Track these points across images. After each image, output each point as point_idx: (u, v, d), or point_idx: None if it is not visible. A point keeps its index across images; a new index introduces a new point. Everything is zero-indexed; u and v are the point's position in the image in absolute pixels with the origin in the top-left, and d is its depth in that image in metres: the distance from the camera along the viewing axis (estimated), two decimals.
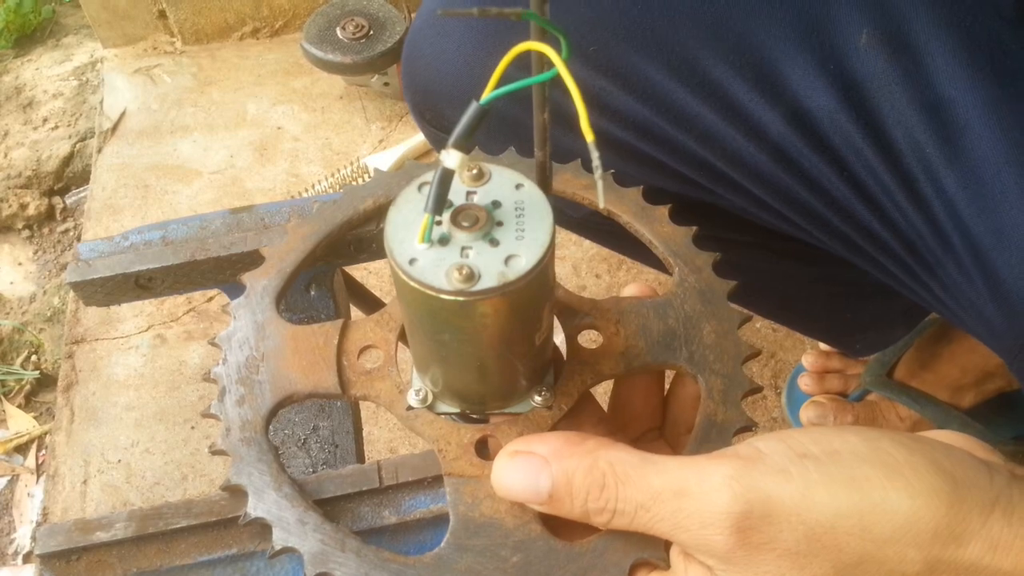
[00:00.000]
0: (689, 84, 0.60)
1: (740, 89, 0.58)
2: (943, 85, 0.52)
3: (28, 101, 1.71)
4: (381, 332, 0.49)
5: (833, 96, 0.56)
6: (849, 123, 0.56)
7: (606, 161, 0.69)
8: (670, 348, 0.48)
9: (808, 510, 0.36)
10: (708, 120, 0.60)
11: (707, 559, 0.38)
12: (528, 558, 0.42)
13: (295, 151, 1.55)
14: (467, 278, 0.36)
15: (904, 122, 0.54)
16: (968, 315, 0.57)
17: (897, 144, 0.55)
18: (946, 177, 0.53)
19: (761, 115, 0.58)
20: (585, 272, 1.34)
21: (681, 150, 0.63)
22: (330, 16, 1.49)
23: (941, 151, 0.53)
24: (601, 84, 0.62)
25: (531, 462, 0.40)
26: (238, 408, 0.47)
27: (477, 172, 0.39)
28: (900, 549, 0.36)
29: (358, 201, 0.57)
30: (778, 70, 0.57)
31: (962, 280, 0.55)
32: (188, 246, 0.67)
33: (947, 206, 0.53)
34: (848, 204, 0.59)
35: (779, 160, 0.59)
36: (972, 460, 0.38)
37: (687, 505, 0.37)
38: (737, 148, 0.60)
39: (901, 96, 0.54)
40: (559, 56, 0.33)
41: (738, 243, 0.78)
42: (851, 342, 1.01)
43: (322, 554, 0.42)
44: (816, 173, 0.59)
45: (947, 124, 0.52)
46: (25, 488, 1.25)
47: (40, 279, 1.50)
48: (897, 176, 0.55)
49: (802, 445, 0.38)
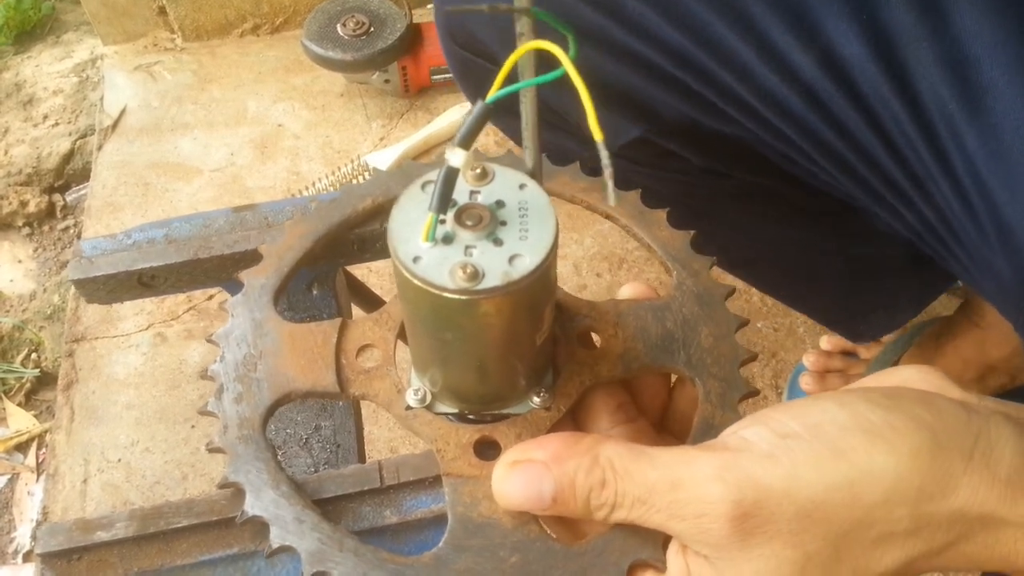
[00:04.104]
0: (728, 19, 0.61)
1: (777, 30, 0.59)
2: (969, 44, 0.53)
3: (28, 98, 1.71)
4: (380, 331, 0.49)
5: (864, 45, 0.56)
6: (878, 73, 0.56)
7: (641, 83, 0.68)
8: (668, 351, 0.48)
9: (798, 490, 0.37)
10: (745, 56, 0.61)
11: (703, 548, 0.39)
12: (526, 558, 0.42)
13: (296, 149, 1.54)
14: (471, 277, 0.36)
15: (929, 77, 0.55)
16: (980, 271, 0.58)
17: (922, 97, 0.55)
18: (967, 133, 0.53)
19: (795, 57, 0.59)
20: (586, 271, 1.34)
21: (717, 82, 0.64)
22: (331, 13, 1.49)
23: (963, 108, 0.53)
24: (641, 10, 0.63)
25: (531, 470, 0.40)
26: (236, 406, 0.47)
27: (481, 171, 0.39)
28: (888, 510, 0.36)
29: (356, 200, 0.57)
30: (814, 15, 0.58)
31: (977, 236, 0.56)
32: (191, 244, 0.67)
33: (966, 161, 0.54)
34: (872, 150, 0.60)
35: (810, 102, 0.60)
36: (948, 404, 0.39)
37: (682, 496, 0.38)
38: (770, 87, 0.61)
39: (928, 52, 0.54)
40: (567, 55, 0.32)
41: (759, 190, 0.79)
42: (856, 324, 1.01)
43: (320, 553, 0.42)
44: (844, 117, 0.59)
45: (971, 82, 0.53)
46: (25, 487, 1.25)
47: (40, 277, 1.49)
48: (920, 128, 0.56)
49: (784, 425, 0.39)
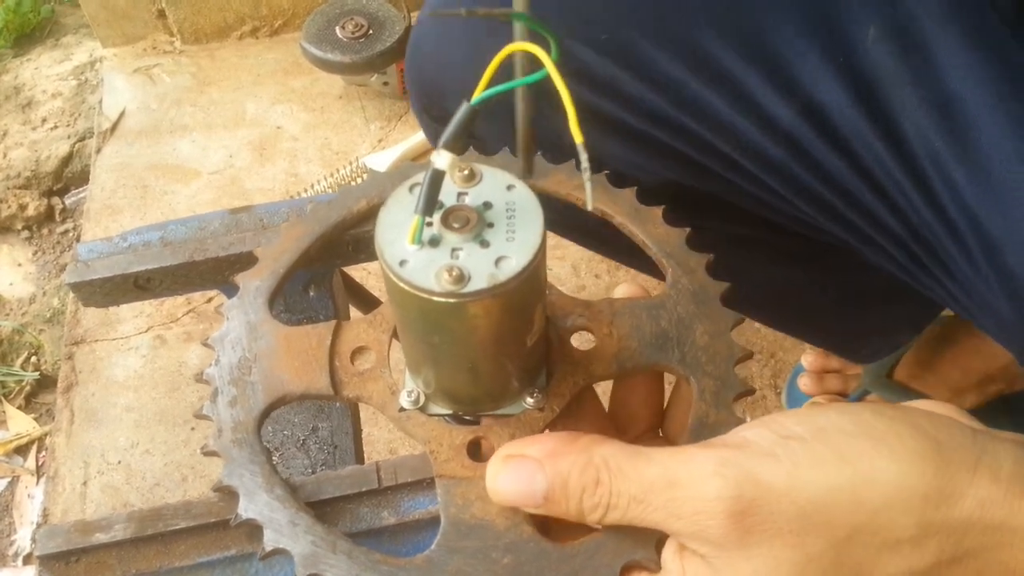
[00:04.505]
0: (702, 74, 0.60)
1: (752, 81, 0.58)
2: (952, 81, 0.53)
3: (27, 101, 1.71)
4: (374, 333, 0.49)
5: (844, 90, 0.56)
6: (860, 117, 0.56)
7: (619, 150, 0.68)
8: (663, 349, 0.48)
9: (798, 489, 0.36)
10: (721, 110, 0.60)
11: (701, 547, 0.38)
12: (519, 560, 0.42)
13: (294, 151, 1.55)
14: (457, 279, 0.36)
15: (913, 117, 0.54)
16: (979, 309, 0.57)
17: (907, 139, 0.55)
18: (956, 172, 0.53)
19: (773, 107, 0.58)
20: (584, 272, 1.34)
21: (695, 139, 0.64)
22: (329, 15, 1.49)
23: (951, 147, 0.53)
24: (613, 72, 0.62)
25: (525, 465, 0.40)
26: (230, 409, 0.47)
27: (468, 173, 0.39)
28: (892, 516, 0.36)
29: (352, 202, 0.57)
30: (790, 63, 0.57)
31: (973, 274, 0.55)
32: (187, 247, 0.67)
33: (957, 201, 0.53)
34: (860, 196, 0.59)
35: (791, 151, 0.60)
36: (954, 423, 0.39)
37: (680, 494, 0.37)
38: (750, 138, 0.61)
39: (910, 92, 0.54)
40: (549, 57, 0.33)
41: (745, 240, 0.78)
42: (855, 348, 1.00)
43: (313, 556, 0.42)
44: (828, 165, 0.59)
45: (956, 120, 0.52)
46: (25, 489, 1.25)
47: (40, 280, 1.50)
48: (907, 170, 0.55)
49: (786, 428, 0.38)
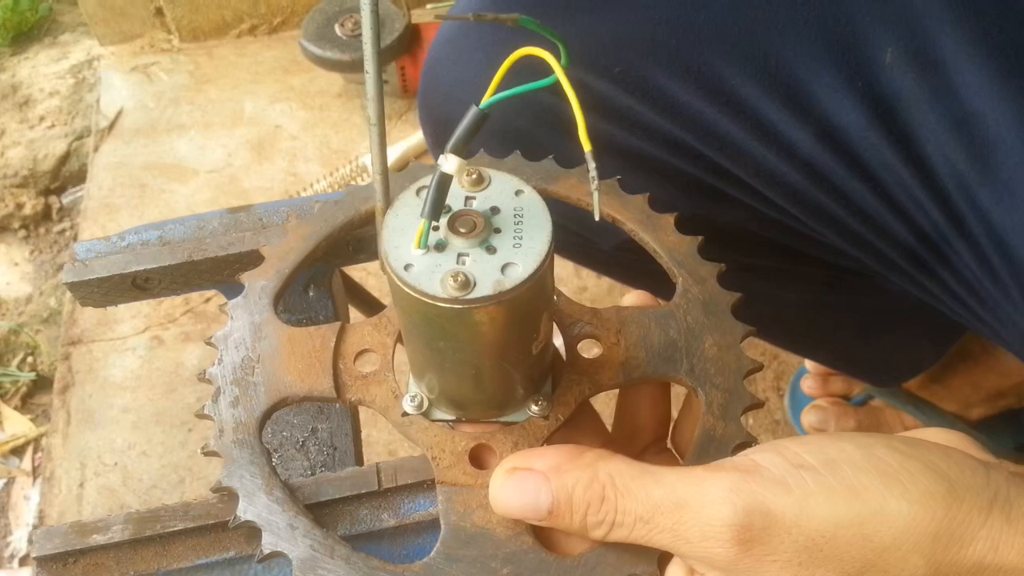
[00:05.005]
0: (717, 103, 0.59)
1: (769, 108, 0.58)
2: (972, 100, 0.52)
3: (24, 99, 1.70)
4: (379, 336, 0.49)
5: (863, 113, 0.55)
6: (879, 139, 0.55)
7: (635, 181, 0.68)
8: (671, 360, 0.47)
9: (808, 520, 0.36)
10: (739, 138, 0.60)
11: (709, 571, 0.38)
12: (519, 571, 0.42)
13: (293, 150, 1.54)
14: (462, 286, 0.35)
15: (935, 138, 0.53)
16: (1005, 329, 0.57)
17: (929, 160, 0.54)
18: (979, 191, 0.52)
19: (791, 133, 0.58)
20: (586, 272, 1.33)
21: (713, 167, 0.63)
22: (328, 13, 1.48)
23: (973, 166, 0.52)
24: (629, 103, 0.62)
25: (530, 479, 0.40)
26: (232, 409, 0.47)
27: (477, 177, 0.38)
28: (902, 555, 0.36)
29: (359, 201, 0.56)
30: (806, 88, 0.56)
31: (999, 294, 0.54)
32: (185, 246, 0.67)
33: (982, 220, 0.53)
34: (882, 220, 0.59)
35: (811, 177, 0.59)
36: (968, 460, 0.38)
37: (688, 517, 0.37)
38: (769, 166, 0.60)
39: (930, 112, 0.53)
40: (558, 62, 0.32)
41: (765, 271, 0.77)
42: (878, 373, 0.99)
43: (311, 560, 0.42)
44: (848, 189, 0.58)
45: (978, 139, 0.52)
46: (21, 491, 1.25)
47: (36, 280, 1.49)
48: (930, 191, 0.55)
49: (798, 456, 0.38)
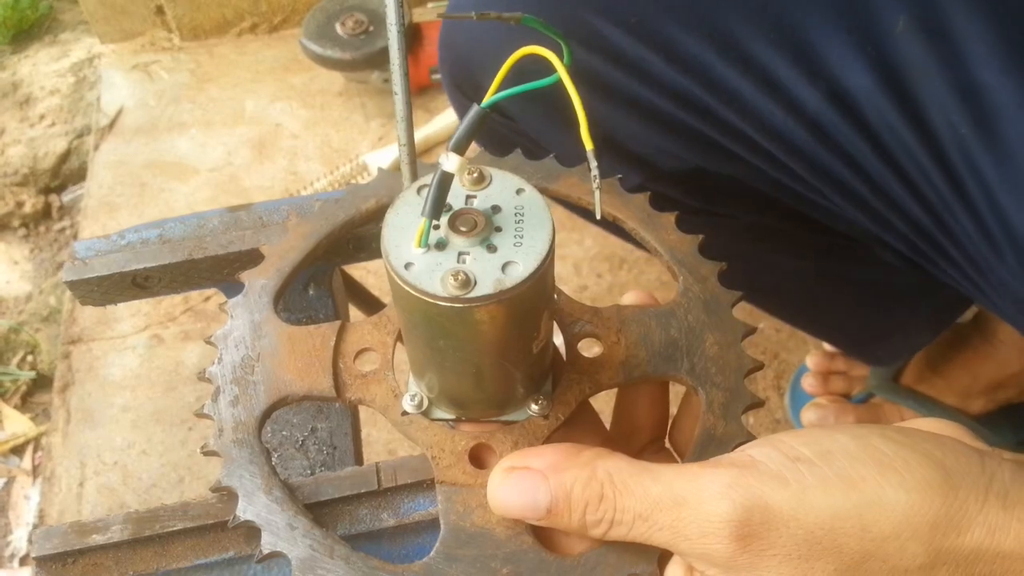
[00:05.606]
0: (729, 58, 0.60)
1: (779, 65, 0.59)
2: (979, 71, 0.53)
3: (25, 98, 1.70)
4: (379, 335, 0.49)
5: (871, 77, 0.56)
6: (886, 104, 0.56)
7: (644, 131, 0.69)
8: (671, 359, 0.47)
9: (806, 513, 0.36)
10: (747, 93, 0.61)
11: (708, 568, 0.38)
12: (518, 570, 0.42)
13: (294, 148, 1.54)
14: (463, 284, 0.35)
15: (940, 105, 0.55)
16: (997, 294, 0.58)
17: (934, 126, 0.55)
18: (982, 159, 0.53)
19: (800, 91, 0.59)
20: (586, 271, 1.33)
21: (720, 121, 0.64)
22: (329, 12, 1.48)
23: (977, 134, 0.53)
24: (641, 54, 0.63)
25: (528, 477, 0.40)
26: (232, 408, 0.47)
27: (478, 175, 0.38)
28: (901, 544, 0.36)
29: (360, 200, 0.56)
30: (817, 49, 0.58)
31: (995, 260, 0.55)
32: (185, 245, 0.66)
33: (982, 187, 0.54)
34: (883, 181, 0.60)
35: (816, 135, 0.60)
36: (962, 447, 0.38)
37: (686, 514, 0.37)
38: (775, 122, 0.61)
39: (938, 80, 0.55)
40: (560, 61, 0.32)
41: (764, 229, 0.78)
42: (872, 350, 1.00)
43: (311, 560, 0.42)
44: (852, 149, 0.59)
45: (983, 109, 0.53)
46: (21, 490, 1.25)
47: (36, 278, 1.49)
48: (933, 156, 0.56)
49: (794, 449, 0.38)
